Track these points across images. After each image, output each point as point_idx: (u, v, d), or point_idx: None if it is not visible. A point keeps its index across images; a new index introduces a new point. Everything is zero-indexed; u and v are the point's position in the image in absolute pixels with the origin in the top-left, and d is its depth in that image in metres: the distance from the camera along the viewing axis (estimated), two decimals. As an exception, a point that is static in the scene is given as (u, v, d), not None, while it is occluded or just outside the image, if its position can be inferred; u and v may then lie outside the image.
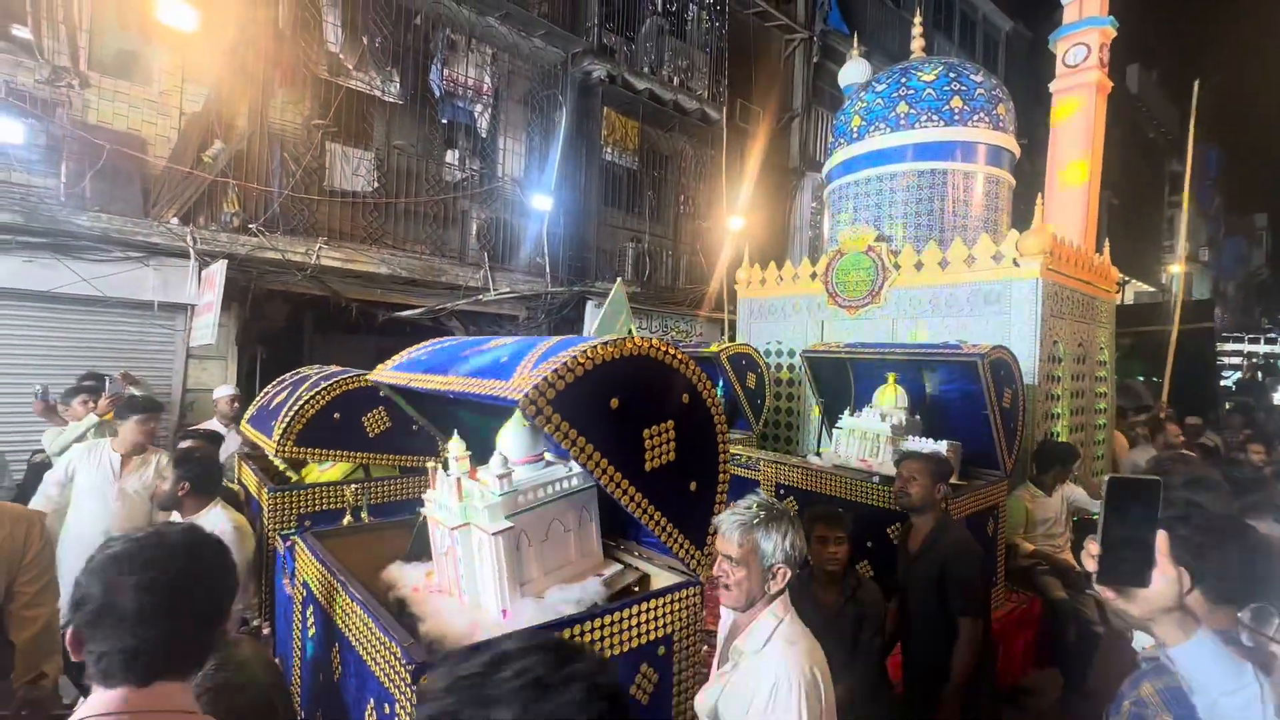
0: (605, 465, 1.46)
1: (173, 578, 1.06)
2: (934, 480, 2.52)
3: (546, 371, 1.36)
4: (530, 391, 1.31)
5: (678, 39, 9.18)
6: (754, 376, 5.01)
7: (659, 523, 1.60)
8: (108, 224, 4.97)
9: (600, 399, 1.45)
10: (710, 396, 1.72)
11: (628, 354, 1.50)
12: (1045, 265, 4.10)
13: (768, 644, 1.46)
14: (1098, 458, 5.09)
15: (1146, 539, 0.96)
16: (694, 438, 1.68)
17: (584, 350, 1.43)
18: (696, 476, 1.70)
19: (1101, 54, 5.60)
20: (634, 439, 1.54)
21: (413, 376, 1.82)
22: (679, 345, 4.55)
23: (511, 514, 1.61)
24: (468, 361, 1.66)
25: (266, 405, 3.08)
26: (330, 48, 6.35)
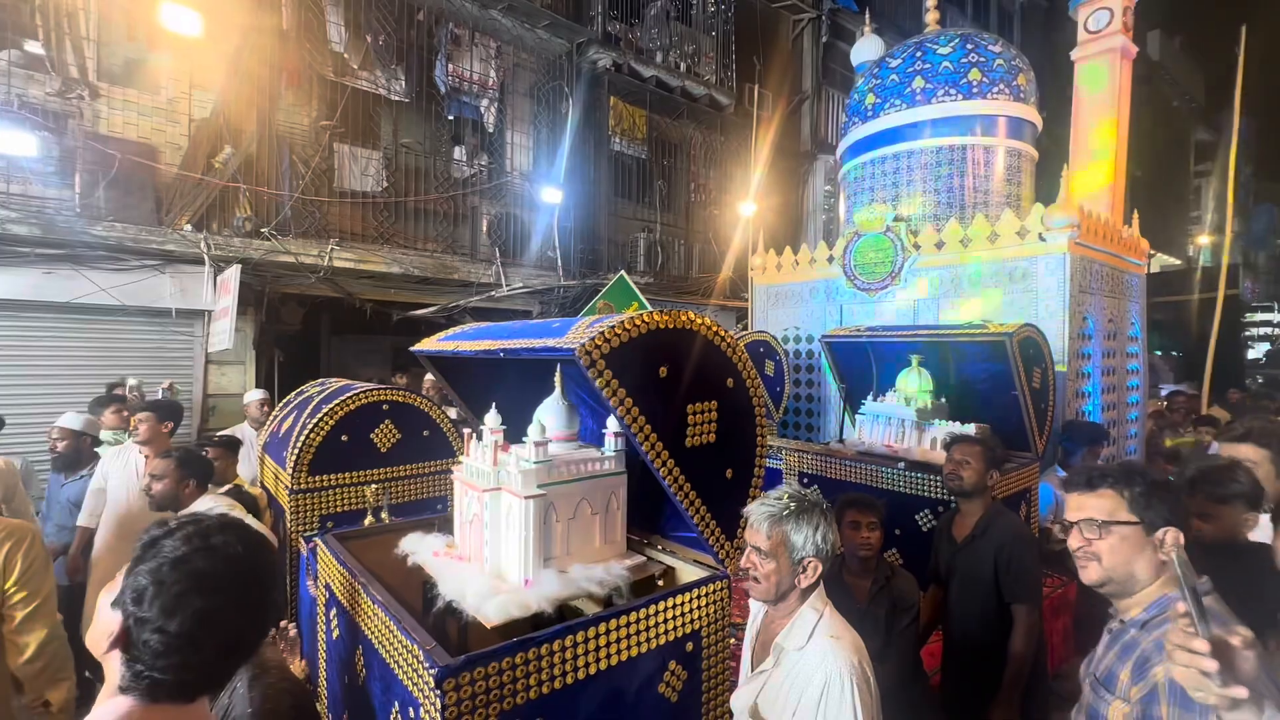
0: (649, 430, 1.47)
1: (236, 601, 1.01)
2: (988, 465, 2.43)
3: (603, 328, 1.38)
4: (586, 343, 1.34)
5: (683, 24, 9.03)
6: (772, 364, 4.92)
7: (693, 503, 1.59)
8: (123, 233, 5.01)
9: (650, 364, 1.47)
10: (754, 385, 1.71)
11: (680, 326, 1.53)
12: (1073, 239, 3.97)
13: (811, 640, 1.41)
14: (1130, 436, 4.94)
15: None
16: (734, 423, 1.67)
17: (639, 315, 1.46)
18: (733, 463, 1.69)
19: (1125, 18, 5.39)
20: (678, 412, 1.55)
21: (461, 344, 1.84)
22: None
23: (544, 484, 1.61)
24: (519, 331, 1.70)
25: (276, 432, 3.08)
26: (334, 48, 6.34)
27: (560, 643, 1.31)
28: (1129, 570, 1.28)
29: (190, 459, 2.68)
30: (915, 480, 3.13)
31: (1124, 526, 1.27)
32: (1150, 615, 1.25)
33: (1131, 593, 1.30)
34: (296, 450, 2.59)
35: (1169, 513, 1.28)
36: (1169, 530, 1.26)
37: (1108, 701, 1.25)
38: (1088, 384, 4.29)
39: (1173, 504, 1.29)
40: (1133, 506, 1.28)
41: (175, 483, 2.59)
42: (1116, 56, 5.47)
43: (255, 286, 5.68)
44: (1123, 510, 1.28)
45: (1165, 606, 1.24)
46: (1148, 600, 1.28)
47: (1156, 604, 1.26)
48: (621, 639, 1.43)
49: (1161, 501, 1.28)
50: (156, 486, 2.59)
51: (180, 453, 2.70)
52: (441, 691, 1.16)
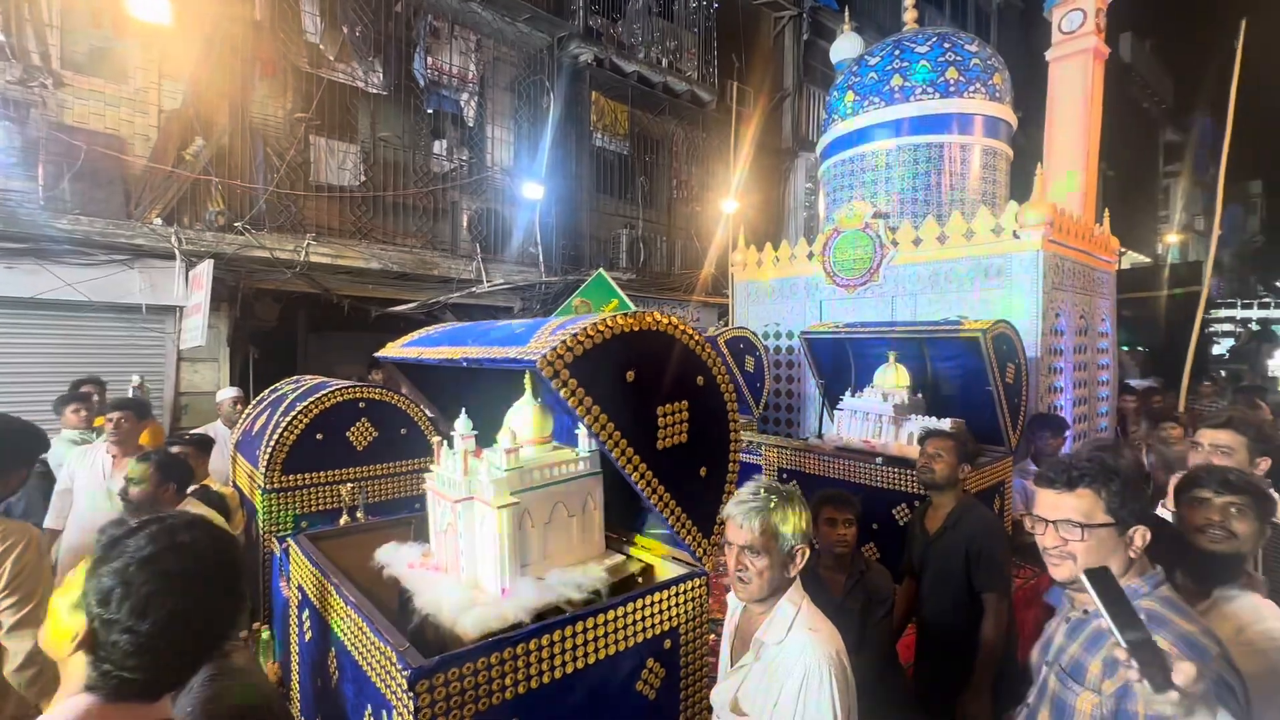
0: (618, 437, 1.44)
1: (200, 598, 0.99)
2: (959, 458, 2.47)
3: (565, 336, 1.35)
4: (548, 353, 1.30)
5: (665, 20, 9.01)
6: (752, 360, 4.95)
7: (667, 504, 1.57)
8: (89, 226, 4.87)
9: (617, 369, 1.44)
10: (725, 383, 1.69)
11: (646, 327, 1.49)
12: (1046, 237, 4.04)
13: (789, 633, 1.42)
14: (1100, 430, 5.06)
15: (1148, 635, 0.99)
16: (707, 422, 1.65)
17: (603, 319, 1.41)
18: (707, 462, 1.67)
19: (1098, 19, 5.49)
20: (648, 414, 1.52)
21: (424, 350, 1.80)
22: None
23: (517, 491, 1.59)
24: (482, 335, 1.65)
25: (249, 430, 3.01)
26: (309, 38, 6.22)
27: (537, 642, 1.31)
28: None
29: (169, 462, 2.61)
30: (892, 475, 3.17)
31: (1101, 529, 1.28)
32: None
33: None
34: (269, 449, 2.54)
35: (1140, 510, 1.31)
36: (1138, 530, 1.29)
37: (1076, 693, 1.26)
38: (1059, 379, 4.38)
39: (1143, 500, 1.31)
40: (1109, 506, 1.29)
41: (155, 487, 2.51)
42: (1089, 57, 5.57)
43: (229, 282, 5.56)
44: (1100, 511, 1.29)
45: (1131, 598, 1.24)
46: None
47: None
48: (599, 637, 1.43)
49: (1134, 499, 1.30)
50: (135, 491, 2.50)
51: (158, 455, 2.62)
52: (415, 694, 1.14)
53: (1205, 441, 2.17)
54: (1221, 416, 2.26)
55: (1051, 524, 1.33)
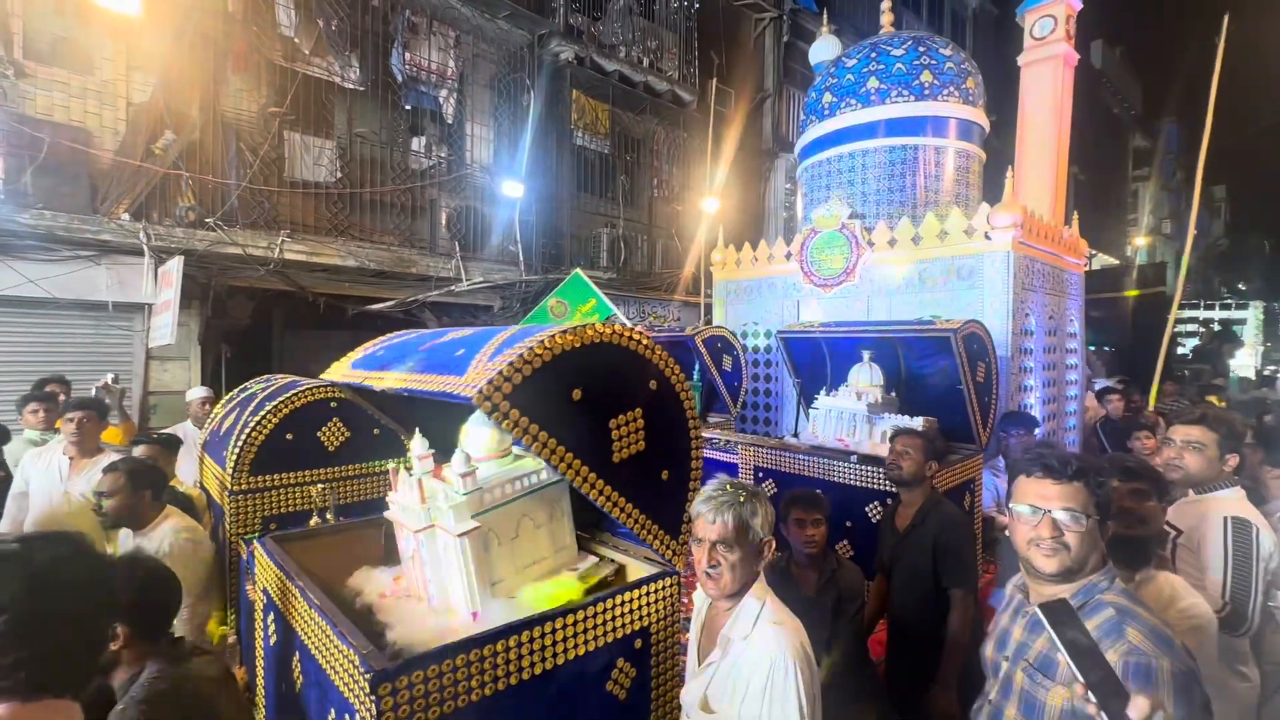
0: (570, 459, 1.40)
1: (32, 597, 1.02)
2: (926, 456, 2.51)
3: (502, 365, 1.28)
4: (485, 387, 1.24)
5: (646, 19, 9.01)
6: (730, 359, 4.97)
7: (630, 514, 1.56)
8: (52, 221, 4.74)
9: (561, 390, 1.39)
10: (679, 383, 1.66)
11: (589, 342, 1.44)
12: (1016, 238, 4.12)
13: (755, 627, 1.44)
14: (1069, 428, 5.17)
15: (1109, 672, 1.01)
16: (664, 425, 1.62)
17: (542, 340, 1.35)
18: (668, 465, 1.66)
19: (1068, 26, 5.61)
20: (600, 430, 1.48)
21: (368, 375, 1.75)
22: (656, 330, 4.47)
23: (478, 513, 1.54)
24: (423, 356, 1.59)
25: (217, 430, 2.95)
26: (284, 32, 6.10)
27: (504, 643, 1.30)
28: (1083, 562, 1.31)
29: (139, 469, 2.49)
30: (866, 473, 3.21)
31: (1090, 522, 1.31)
32: (1080, 601, 1.28)
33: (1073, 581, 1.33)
34: (238, 448, 2.49)
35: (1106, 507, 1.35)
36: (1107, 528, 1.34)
37: (1047, 688, 1.27)
38: (1029, 378, 4.47)
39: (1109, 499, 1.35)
40: (1096, 500, 1.32)
41: (129, 497, 2.40)
42: (1060, 63, 5.70)
43: (200, 279, 5.44)
44: (1091, 504, 1.31)
45: (1093, 592, 1.29)
46: (1075, 587, 1.32)
47: (1084, 590, 1.30)
48: (568, 637, 1.42)
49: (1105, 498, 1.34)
50: (109, 504, 2.38)
51: (127, 464, 2.50)
52: (377, 696, 1.13)
53: (1177, 437, 2.22)
54: (1195, 413, 2.30)
55: (1049, 514, 1.31)
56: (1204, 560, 2.02)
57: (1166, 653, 1.14)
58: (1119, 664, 1.15)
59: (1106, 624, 1.23)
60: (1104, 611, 1.26)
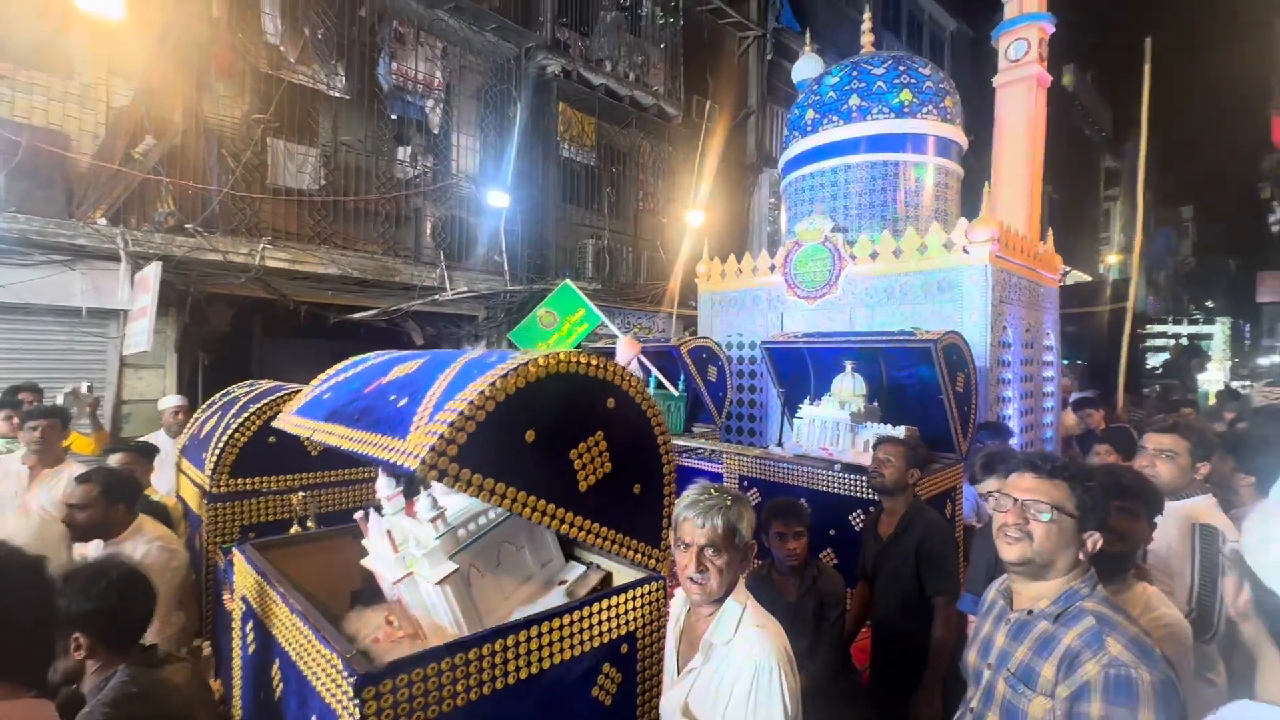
0: (534, 502, 1.34)
1: None
2: (908, 463, 2.54)
3: (442, 427, 1.20)
4: (427, 456, 1.16)
5: (633, 35, 9.13)
6: (715, 369, 5.01)
7: (605, 536, 1.51)
8: (26, 225, 4.64)
9: (513, 436, 1.32)
10: (638, 393, 1.59)
11: (534, 379, 1.35)
12: (994, 252, 4.22)
13: (737, 632, 1.44)
14: (1045, 440, 5.27)
15: None
16: (629, 440, 1.57)
17: (482, 391, 1.27)
18: (639, 478, 1.60)
19: (1041, 49, 5.81)
20: (561, 464, 1.42)
21: (315, 425, 1.64)
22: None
23: (455, 552, 1.51)
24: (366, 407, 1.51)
25: (197, 434, 2.90)
26: (269, 39, 6.09)
27: (490, 647, 1.29)
28: (1051, 558, 1.33)
29: (114, 481, 2.41)
30: (849, 481, 3.24)
31: (1066, 518, 1.32)
32: (1061, 608, 1.30)
33: (1042, 579, 1.35)
34: (219, 450, 2.44)
35: (1101, 517, 1.36)
36: (1092, 535, 1.34)
37: (1028, 698, 1.27)
38: (1007, 389, 4.55)
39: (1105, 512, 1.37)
40: (1079, 503, 1.33)
41: (103, 509, 2.33)
42: (1033, 84, 5.89)
43: (178, 285, 5.36)
44: (1069, 503, 1.33)
45: (1074, 599, 1.30)
46: (1055, 592, 1.33)
47: (1065, 597, 1.31)
48: (554, 642, 1.41)
49: (1100, 507, 1.35)
50: (80, 517, 2.31)
51: (100, 475, 2.42)
52: (361, 700, 1.11)
53: (1150, 445, 2.27)
54: (1168, 421, 2.36)
55: (1018, 502, 1.36)
56: (1172, 566, 2.06)
57: (1147, 663, 1.15)
58: (1099, 675, 1.16)
59: (1087, 633, 1.24)
60: (1084, 620, 1.26)
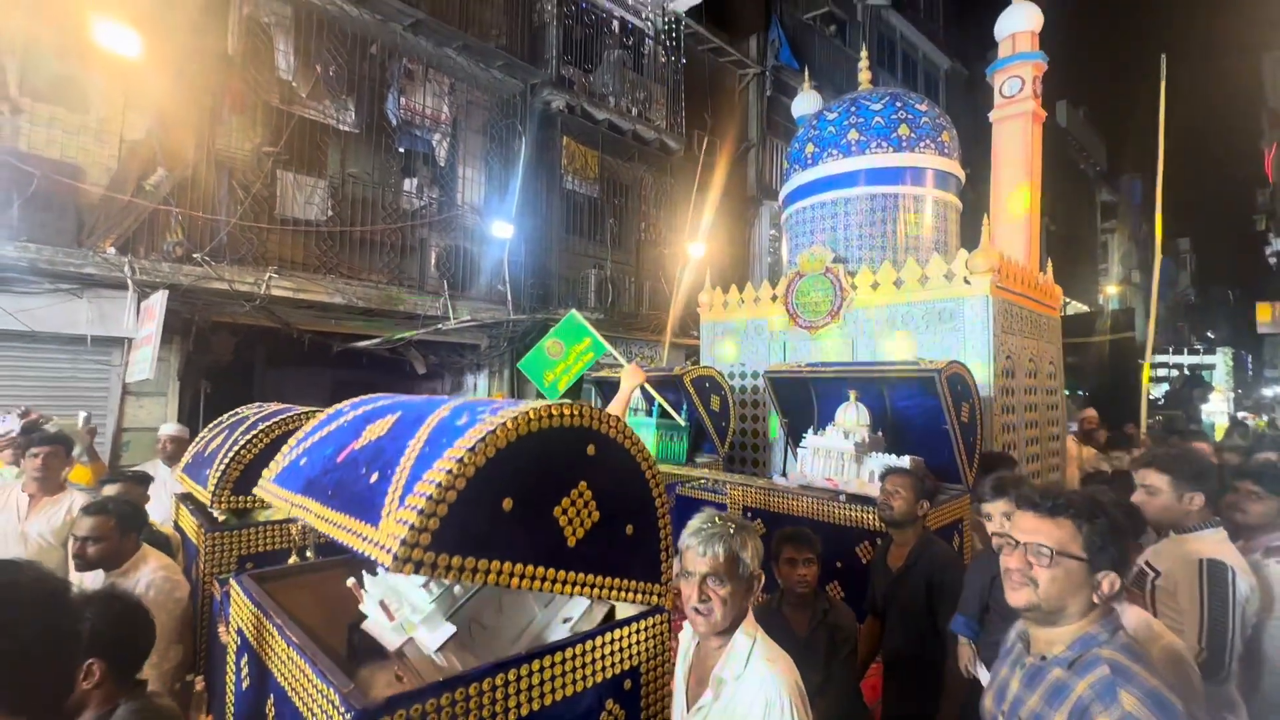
0: (521, 570, 1.27)
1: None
2: (917, 494, 2.52)
3: (412, 515, 1.13)
4: (399, 550, 1.10)
5: (635, 72, 9.38)
6: (718, 399, 4.99)
7: (601, 586, 1.45)
8: (36, 254, 4.70)
9: (490, 508, 1.24)
10: (618, 431, 1.52)
11: (505, 444, 1.27)
12: (994, 283, 4.24)
13: (748, 666, 1.41)
14: (1054, 470, 5.22)
15: None
16: (615, 483, 1.50)
17: (450, 469, 1.19)
18: (631, 518, 1.54)
19: (1035, 85, 5.96)
20: (546, 525, 1.35)
21: (292, 498, 1.59)
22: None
23: (453, 611, 1.47)
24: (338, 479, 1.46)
25: (202, 452, 2.88)
26: (282, 75, 6.25)
27: (490, 681, 1.25)
28: (1060, 604, 1.25)
29: (127, 512, 2.41)
30: (855, 512, 3.20)
31: (1071, 561, 1.24)
32: (1075, 654, 1.23)
33: (1054, 624, 1.28)
34: (224, 464, 2.42)
35: (1117, 557, 1.26)
36: (1108, 576, 1.25)
37: None
38: (1012, 418, 4.53)
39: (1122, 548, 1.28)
40: (1087, 543, 1.24)
41: (117, 541, 2.33)
42: (1029, 119, 6.02)
43: (184, 314, 5.39)
44: (1075, 544, 1.25)
45: (1089, 645, 1.23)
46: (1070, 637, 1.26)
47: (1080, 642, 1.24)
48: (556, 677, 1.38)
49: (1115, 544, 1.26)
50: (92, 550, 2.29)
51: (115, 506, 2.41)
52: (358, 737, 1.08)
53: (1137, 481, 2.24)
54: (1145, 456, 2.30)
55: (1021, 545, 1.29)
56: (1180, 603, 2.00)
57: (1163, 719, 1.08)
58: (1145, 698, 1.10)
59: (1099, 683, 1.16)
60: (1098, 669, 1.18)
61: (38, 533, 2.88)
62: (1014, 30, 6.13)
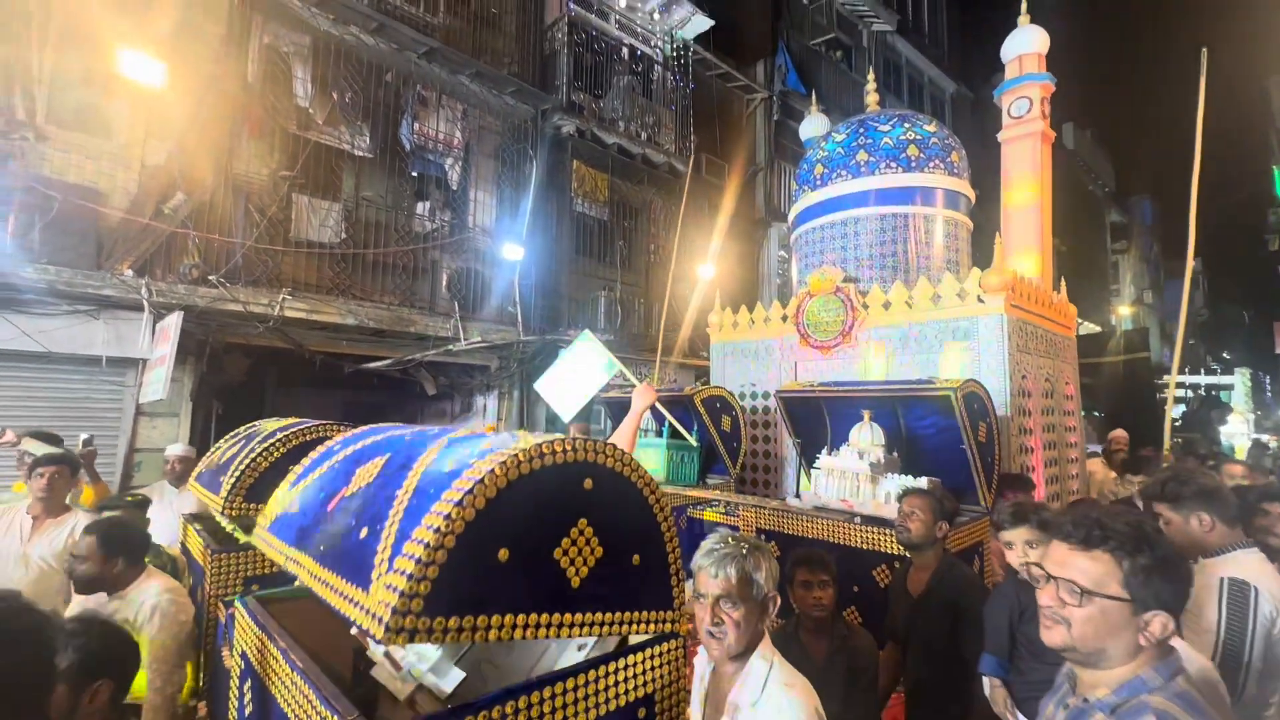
0: (522, 620, 1.20)
1: None
2: (935, 516, 2.44)
3: (402, 581, 1.05)
4: (391, 621, 1.02)
5: (644, 98, 9.53)
6: (729, 419, 4.94)
7: (610, 623, 1.38)
8: (55, 276, 4.78)
9: (484, 563, 1.17)
10: (616, 459, 1.45)
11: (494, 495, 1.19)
12: (1009, 301, 4.20)
13: (765, 691, 1.35)
14: (1073, 494, 5.09)
15: None
16: (617, 513, 1.43)
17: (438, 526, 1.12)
18: (636, 548, 1.47)
19: (1043, 106, 5.97)
20: (545, 570, 1.28)
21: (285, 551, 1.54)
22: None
23: (460, 655, 1.44)
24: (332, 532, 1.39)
25: (217, 461, 2.88)
26: (299, 102, 6.40)
27: (500, 709, 1.21)
28: (1099, 646, 1.12)
29: (113, 535, 2.37)
30: (871, 535, 3.12)
31: (1109, 601, 1.10)
32: (1120, 699, 1.11)
33: (1096, 667, 1.15)
34: (238, 470, 2.40)
35: (1171, 595, 1.10)
36: (1158, 616, 1.10)
37: None
38: (1030, 439, 4.44)
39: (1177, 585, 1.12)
40: (1128, 579, 1.10)
41: (100, 563, 2.30)
42: (1038, 139, 6.02)
43: (198, 335, 5.44)
44: (1114, 581, 1.11)
45: (1138, 690, 1.10)
46: (1116, 681, 1.13)
47: (1127, 687, 1.12)
48: (568, 704, 1.33)
49: (1164, 580, 1.10)
50: (79, 569, 2.30)
51: (100, 527, 2.38)
52: (362, 767, 1.04)
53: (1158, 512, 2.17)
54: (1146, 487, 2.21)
55: (1053, 580, 1.17)
56: (1202, 623, 1.94)
57: None
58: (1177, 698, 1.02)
59: None
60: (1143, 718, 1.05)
61: (39, 555, 2.85)
62: (1021, 52, 6.17)
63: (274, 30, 6.21)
